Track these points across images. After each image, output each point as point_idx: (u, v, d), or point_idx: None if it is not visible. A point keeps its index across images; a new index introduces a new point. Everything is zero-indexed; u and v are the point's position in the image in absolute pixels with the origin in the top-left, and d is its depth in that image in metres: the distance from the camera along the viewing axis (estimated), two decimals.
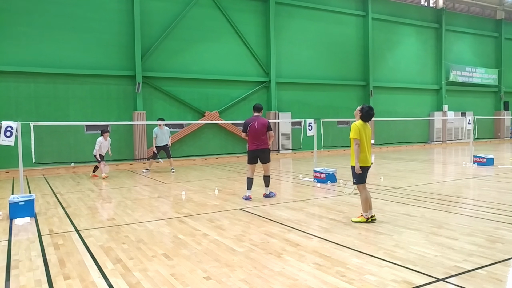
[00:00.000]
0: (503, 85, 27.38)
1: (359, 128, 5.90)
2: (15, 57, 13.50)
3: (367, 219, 5.94)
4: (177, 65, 16.38)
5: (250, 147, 8.06)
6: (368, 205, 5.95)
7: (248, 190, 8.11)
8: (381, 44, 21.95)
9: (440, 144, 24.19)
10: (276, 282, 3.82)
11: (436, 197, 7.88)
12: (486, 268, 4.03)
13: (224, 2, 17.23)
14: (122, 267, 4.32)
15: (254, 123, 7.97)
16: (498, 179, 10.23)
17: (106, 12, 14.96)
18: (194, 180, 11.47)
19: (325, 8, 19.95)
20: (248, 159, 8.14)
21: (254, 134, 7.97)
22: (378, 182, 10.20)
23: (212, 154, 16.92)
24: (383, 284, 3.71)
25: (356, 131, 5.88)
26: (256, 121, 7.98)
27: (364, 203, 5.95)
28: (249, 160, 8.13)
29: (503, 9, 27.25)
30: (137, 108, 15.26)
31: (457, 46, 25.40)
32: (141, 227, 6.09)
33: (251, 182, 8.13)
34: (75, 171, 14.00)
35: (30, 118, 12.53)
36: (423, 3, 24.27)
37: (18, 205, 6.82)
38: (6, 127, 7.32)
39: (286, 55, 18.96)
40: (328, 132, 18.80)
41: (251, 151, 8.06)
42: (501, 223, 5.79)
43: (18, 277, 4.12)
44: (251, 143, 8.04)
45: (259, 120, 8.02)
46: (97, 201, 8.41)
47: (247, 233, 5.58)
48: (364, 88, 21.55)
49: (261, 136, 8.02)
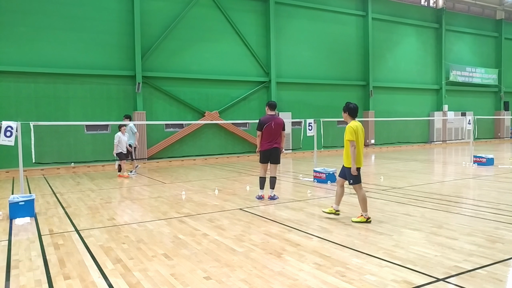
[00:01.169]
0: (503, 85, 27.39)
1: (354, 129, 5.92)
2: (15, 57, 13.50)
3: (367, 218, 5.95)
4: (177, 65, 16.38)
5: (263, 146, 7.88)
6: (366, 204, 6.02)
7: (261, 190, 8.08)
8: (381, 44, 21.95)
9: (440, 144, 24.20)
10: (276, 282, 3.82)
11: (436, 197, 7.88)
12: (486, 268, 4.04)
13: (224, 2, 17.23)
14: (122, 267, 4.32)
15: (271, 123, 7.78)
16: (498, 179, 10.22)
17: (106, 12, 14.96)
18: (194, 180, 11.46)
19: (325, 8, 19.95)
20: (261, 158, 8.00)
21: (270, 134, 7.81)
22: (378, 182, 10.21)
23: (212, 154, 16.91)
24: (383, 284, 3.71)
25: (352, 133, 5.89)
26: (273, 121, 7.81)
27: (363, 202, 5.98)
28: (262, 159, 7.98)
29: (503, 9, 27.24)
30: (137, 108, 15.25)
31: (457, 46, 25.40)
32: (141, 227, 6.09)
33: (263, 181, 8.04)
34: (75, 171, 14.00)
35: (30, 118, 12.52)
36: (423, 3, 24.26)
37: (18, 205, 6.82)
38: (6, 127, 7.32)
39: (286, 55, 18.96)
40: (328, 132, 18.78)
41: (264, 151, 7.88)
42: (501, 223, 5.79)
43: (18, 277, 4.12)
44: (265, 143, 7.86)
45: (276, 119, 7.85)
46: (97, 201, 8.41)
47: (247, 233, 5.58)
48: (364, 88, 21.55)
49: (277, 136, 7.88)
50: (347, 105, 6.16)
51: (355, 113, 6.14)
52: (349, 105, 6.14)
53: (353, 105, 6.15)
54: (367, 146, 21.33)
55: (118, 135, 11.87)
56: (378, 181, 10.38)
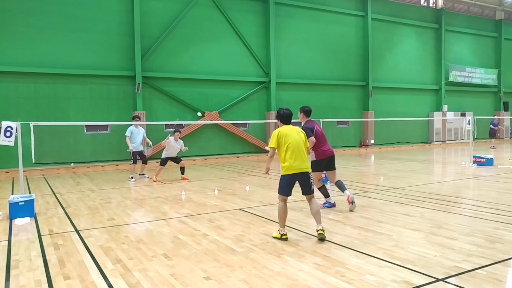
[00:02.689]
0: (502, 85, 27.40)
1: (277, 136, 5.25)
2: (15, 57, 13.49)
3: (282, 235, 5.18)
4: (177, 65, 16.39)
5: (326, 153, 6.98)
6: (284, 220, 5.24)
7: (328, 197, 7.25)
8: (380, 45, 21.96)
9: (439, 144, 24.21)
10: (276, 282, 3.83)
11: (435, 197, 7.89)
12: (486, 268, 4.04)
13: (224, 2, 17.23)
14: (122, 267, 4.32)
15: (318, 126, 7.02)
16: (498, 179, 10.23)
17: (106, 12, 14.96)
18: (193, 180, 11.47)
19: (325, 8, 19.95)
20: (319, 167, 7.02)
21: (323, 137, 6.99)
22: (377, 182, 10.21)
23: (211, 154, 16.92)
24: (382, 284, 3.71)
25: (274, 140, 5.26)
26: (316, 124, 7.04)
27: (278, 216, 5.25)
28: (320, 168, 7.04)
29: (502, 9, 27.26)
30: (137, 108, 15.25)
31: (456, 46, 25.41)
32: (141, 227, 6.10)
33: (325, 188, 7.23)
34: (75, 171, 14.00)
35: (30, 118, 12.51)
36: (423, 4, 24.28)
37: (18, 205, 6.82)
38: (6, 127, 7.32)
39: (286, 55, 18.96)
40: (328, 132, 18.72)
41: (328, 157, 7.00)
42: (500, 223, 5.80)
43: (18, 277, 4.12)
44: (326, 148, 7.02)
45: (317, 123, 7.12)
46: (97, 201, 8.41)
47: (247, 233, 5.58)
48: (364, 88, 21.56)
49: None
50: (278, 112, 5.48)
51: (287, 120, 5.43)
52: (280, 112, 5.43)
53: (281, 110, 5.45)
54: (367, 146, 21.36)
55: None
56: (378, 181, 10.39)
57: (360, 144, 21.56)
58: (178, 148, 11.31)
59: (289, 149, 5.16)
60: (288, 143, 5.14)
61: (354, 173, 12.21)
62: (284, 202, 5.24)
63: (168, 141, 11.09)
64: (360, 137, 21.77)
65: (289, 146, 5.15)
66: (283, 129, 5.30)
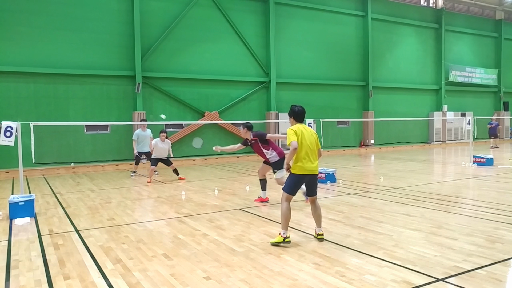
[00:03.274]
0: (502, 85, 27.39)
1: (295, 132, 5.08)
2: (15, 57, 13.49)
3: (284, 238, 4.99)
4: (177, 65, 16.38)
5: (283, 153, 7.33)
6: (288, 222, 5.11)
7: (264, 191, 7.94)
8: (380, 44, 21.95)
9: (439, 144, 24.20)
10: (276, 282, 3.83)
11: (435, 197, 7.89)
12: (486, 268, 4.04)
13: (224, 2, 17.23)
14: (122, 267, 4.32)
15: None
16: (498, 179, 10.23)
17: (106, 12, 14.96)
18: (194, 180, 11.47)
19: (325, 8, 19.95)
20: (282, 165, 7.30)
21: None
22: (377, 182, 10.21)
23: (211, 154, 16.92)
24: (382, 284, 3.71)
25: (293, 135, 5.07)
26: None
27: (282, 218, 5.09)
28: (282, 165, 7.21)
29: (502, 9, 27.25)
30: (137, 108, 15.25)
31: (456, 46, 25.41)
32: (141, 227, 6.10)
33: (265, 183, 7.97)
34: (75, 171, 14.00)
35: (30, 118, 12.50)
36: (423, 3, 24.27)
37: (18, 205, 6.83)
38: (6, 127, 7.32)
39: (286, 55, 18.96)
40: (328, 132, 18.78)
41: None
42: (500, 223, 5.80)
43: (18, 277, 4.12)
44: None
45: None
46: (97, 201, 8.41)
47: (247, 233, 5.58)
48: (364, 88, 21.55)
49: None
50: (291, 109, 5.36)
51: (300, 118, 5.34)
52: (293, 109, 5.33)
53: (295, 107, 5.35)
54: (367, 146, 21.36)
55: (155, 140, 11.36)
56: (378, 181, 10.39)
57: (360, 144, 21.55)
58: (166, 149, 11.42)
59: (303, 148, 5.06)
60: (304, 143, 5.06)
61: (354, 173, 12.21)
62: (288, 202, 5.14)
63: (155, 143, 11.26)
64: (360, 137, 21.77)
65: (304, 145, 5.07)
66: (299, 127, 5.15)
